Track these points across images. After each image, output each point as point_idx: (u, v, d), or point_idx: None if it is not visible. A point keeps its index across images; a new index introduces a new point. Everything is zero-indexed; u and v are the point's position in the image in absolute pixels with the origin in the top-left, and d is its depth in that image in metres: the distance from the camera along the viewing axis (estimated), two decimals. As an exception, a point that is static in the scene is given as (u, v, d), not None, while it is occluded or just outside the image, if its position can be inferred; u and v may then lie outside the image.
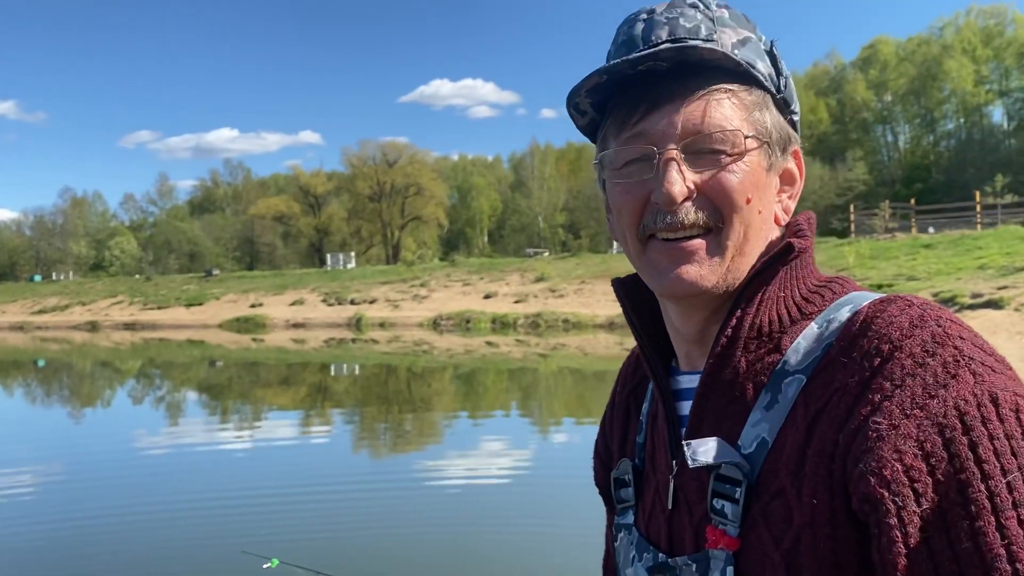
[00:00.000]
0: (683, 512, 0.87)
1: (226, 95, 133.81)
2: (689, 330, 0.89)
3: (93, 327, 44.65)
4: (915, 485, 0.68)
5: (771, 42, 0.88)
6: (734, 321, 0.83)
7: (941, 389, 0.70)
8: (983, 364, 0.72)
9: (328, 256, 60.98)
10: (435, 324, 34.54)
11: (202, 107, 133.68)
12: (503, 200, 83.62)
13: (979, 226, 32.16)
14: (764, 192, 0.85)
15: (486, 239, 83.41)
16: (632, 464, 1.00)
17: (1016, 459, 0.67)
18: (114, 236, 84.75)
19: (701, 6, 0.85)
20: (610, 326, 29.33)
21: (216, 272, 57.51)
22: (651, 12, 0.86)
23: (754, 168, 0.83)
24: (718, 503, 0.80)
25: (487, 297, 36.71)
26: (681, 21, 0.83)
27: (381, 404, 15.02)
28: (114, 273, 73.90)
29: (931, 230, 34.19)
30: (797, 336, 0.82)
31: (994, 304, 17.38)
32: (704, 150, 0.82)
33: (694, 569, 0.83)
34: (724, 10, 0.86)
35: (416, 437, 11.66)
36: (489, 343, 27.13)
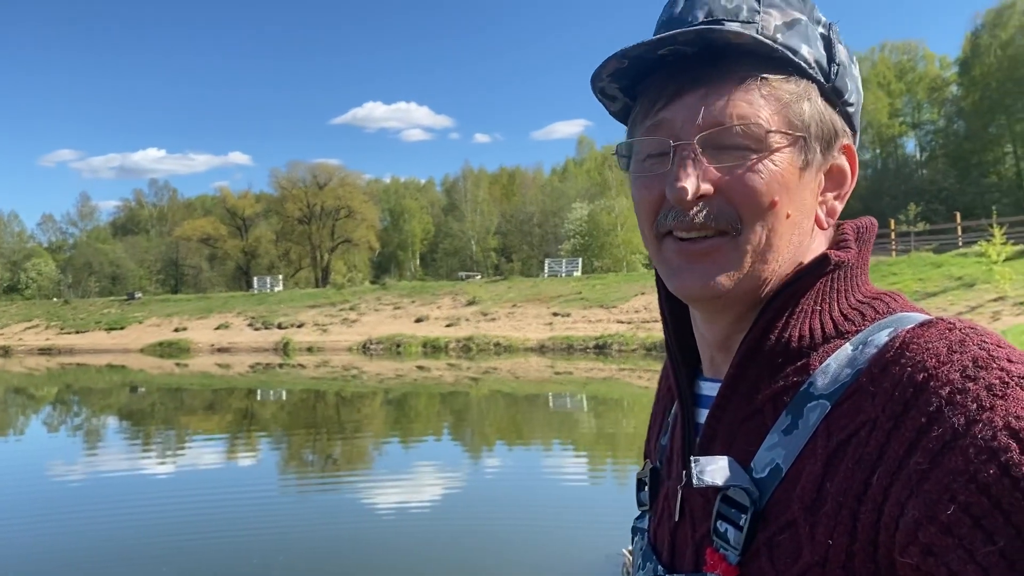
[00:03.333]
0: (687, 526, 0.81)
1: (153, 114, 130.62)
2: (713, 335, 0.83)
3: (5, 352, 42.81)
4: (982, 523, 0.59)
5: (829, 24, 0.79)
6: (757, 333, 0.76)
7: (986, 412, 0.61)
8: None
9: (255, 279, 59.84)
10: (365, 348, 34.15)
11: (128, 126, 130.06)
12: (436, 223, 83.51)
13: (894, 253, 33.39)
14: (796, 193, 0.76)
15: (418, 262, 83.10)
16: (653, 467, 0.94)
17: None
18: (31, 258, 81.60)
19: None
20: (541, 349, 29.45)
21: (139, 295, 55.84)
22: None
23: (783, 167, 0.75)
24: (722, 526, 0.74)
25: (418, 321, 36.50)
26: (722, 0, 0.77)
27: (309, 430, 14.75)
28: (30, 296, 71.11)
29: (850, 256, 35.26)
30: (828, 356, 0.74)
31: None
32: (726, 145, 0.74)
33: None
34: None
35: (345, 463, 11.47)
36: (420, 367, 26.94)
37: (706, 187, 0.74)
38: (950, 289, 23.93)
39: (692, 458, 0.76)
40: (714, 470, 0.74)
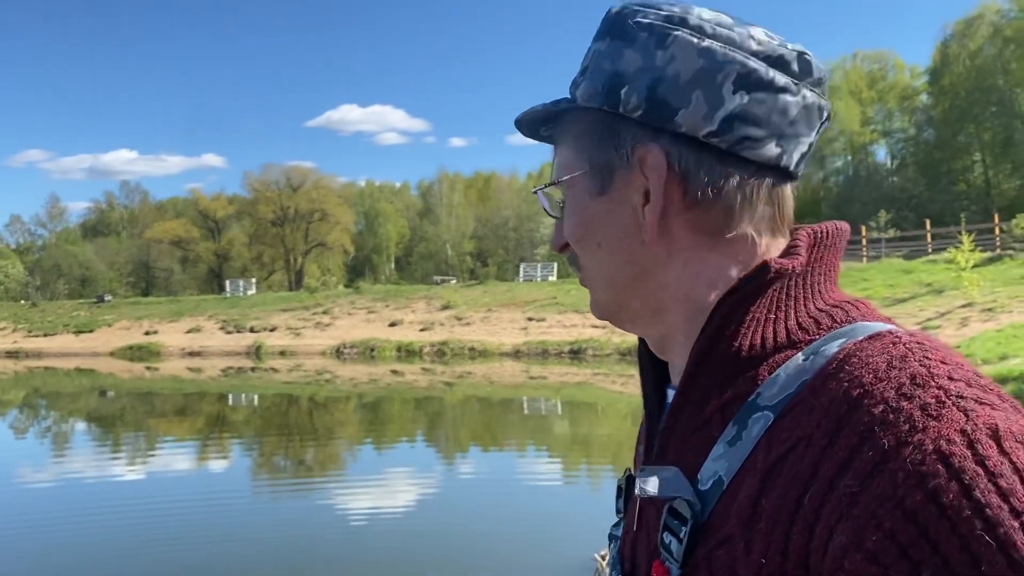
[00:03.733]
0: (644, 536, 0.80)
1: (125, 115, 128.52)
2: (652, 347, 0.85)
3: (-29, 355, 42.13)
4: (908, 552, 0.55)
5: (649, 26, 0.75)
6: (705, 341, 0.74)
7: (917, 434, 0.58)
8: (978, 401, 0.60)
9: (227, 282, 59.29)
10: (338, 352, 33.96)
11: (99, 127, 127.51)
12: (411, 227, 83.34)
13: (865, 259, 33.77)
14: (599, 223, 0.80)
15: (393, 266, 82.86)
16: (630, 474, 0.93)
17: None
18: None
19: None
20: (516, 354, 29.46)
21: (109, 298, 55.11)
22: None
23: (577, 205, 0.81)
24: (667, 537, 0.73)
25: (392, 325, 36.35)
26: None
27: (281, 435, 14.64)
28: (-4, 298, 70.11)
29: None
30: (779, 366, 0.71)
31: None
32: (559, 198, 0.85)
33: None
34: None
35: (317, 468, 11.39)
36: (394, 372, 26.86)
37: (562, 238, 0.85)
38: (919, 295, 24.26)
39: (640, 468, 0.75)
40: (657, 481, 0.73)
